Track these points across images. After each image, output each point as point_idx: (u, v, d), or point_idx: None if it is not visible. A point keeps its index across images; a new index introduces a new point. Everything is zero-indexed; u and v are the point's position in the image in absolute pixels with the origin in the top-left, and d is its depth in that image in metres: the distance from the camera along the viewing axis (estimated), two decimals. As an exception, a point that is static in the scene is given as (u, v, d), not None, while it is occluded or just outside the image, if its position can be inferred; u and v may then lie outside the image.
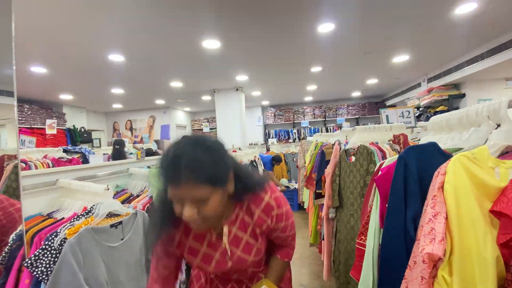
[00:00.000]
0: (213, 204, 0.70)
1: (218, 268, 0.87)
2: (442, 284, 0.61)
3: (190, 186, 0.65)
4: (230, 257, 0.86)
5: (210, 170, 0.67)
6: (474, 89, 4.60)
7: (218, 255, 0.86)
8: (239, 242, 0.86)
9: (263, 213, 0.85)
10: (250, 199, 0.84)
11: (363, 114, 8.15)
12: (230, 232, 0.85)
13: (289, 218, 0.93)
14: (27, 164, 3.08)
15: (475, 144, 0.76)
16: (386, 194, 0.81)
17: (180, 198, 0.68)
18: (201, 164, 0.66)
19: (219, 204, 0.72)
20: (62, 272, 0.96)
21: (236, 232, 0.86)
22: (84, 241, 1.06)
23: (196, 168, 0.65)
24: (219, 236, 0.86)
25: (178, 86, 5.45)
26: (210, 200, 0.69)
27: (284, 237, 0.96)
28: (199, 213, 0.69)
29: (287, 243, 1.00)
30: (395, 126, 1.87)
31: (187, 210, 0.67)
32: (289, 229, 0.95)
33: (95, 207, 1.17)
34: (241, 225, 0.86)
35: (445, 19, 2.94)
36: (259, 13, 2.69)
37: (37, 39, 2.97)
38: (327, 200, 1.88)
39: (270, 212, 0.85)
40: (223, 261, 0.87)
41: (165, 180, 0.68)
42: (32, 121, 5.51)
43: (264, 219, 0.86)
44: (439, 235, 0.60)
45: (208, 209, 0.69)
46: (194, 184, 0.65)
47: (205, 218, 0.70)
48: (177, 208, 0.70)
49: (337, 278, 1.76)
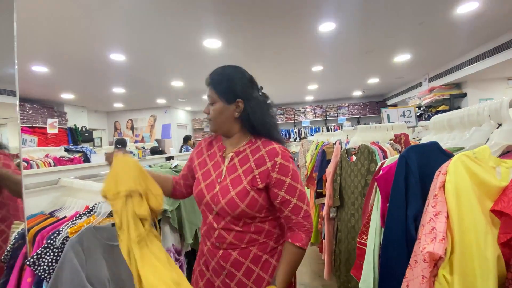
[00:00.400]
0: (215, 108, 0.96)
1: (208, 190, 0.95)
2: (443, 283, 0.61)
3: (209, 89, 0.97)
4: (221, 181, 0.94)
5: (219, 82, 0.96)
6: (475, 88, 4.59)
7: (215, 176, 0.97)
8: (233, 171, 0.94)
9: (266, 154, 0.92)
10: (261, 142, 0.96)
11: (364, 113, 8.14)
12: (232, 159, 0.97)
13: (296, 179, 0.91)
14: (28, 163, 3.09)
15: (476, 144, 0.76)
16: (387, 193, 0.82)
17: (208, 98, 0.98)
18: (217, 76, 0.98)
19: (218, 113, 0.95)
20: (64, 271, 0.97)
21: (236, 162, 0.96)
22: (86, 239, 1.06)
23: (213, 77, 0.98)
24: (223, 160, 0.99)
25: (179, 85, 5.46)
26: (215, 104, 0.96)
27: (292, 206, 0.89)
28: (209, 112, 0.97)
29: (298, 222, 0.90)
30: (396, 126, 1.87)
31: (206, 107, 0.99)
32: (297, 196, 0.89)
33: (97, 206, 1.17)
34: (243, 159, 0.95)
35: (446, 18, 2.94)
36: (260, 13, 2.69)
37: (39, 38, 2.98)
38: (328, 200, 1.88)
39: (273, 157, 0.90)
40: (214, 183, 0.95)
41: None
42: (33, 120, 5.53)
43: (265, 161, 0.90)
44: (440, 234, 0.60)
45: (211, 111, 0.96)
46: (211, 88, 0.97)
47: (210, 118, 0.97)
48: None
49: (338, 277, 1.76)
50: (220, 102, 0.95)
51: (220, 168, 0.97)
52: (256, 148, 0.95)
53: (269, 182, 0.89)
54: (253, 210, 0.89)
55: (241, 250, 0.93)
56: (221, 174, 0.96)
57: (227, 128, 0.98)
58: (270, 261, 0.95)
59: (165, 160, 2.49)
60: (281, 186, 0.89)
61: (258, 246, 0.94)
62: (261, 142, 0.96)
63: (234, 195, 0.89)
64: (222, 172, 0.96)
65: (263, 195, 0.91)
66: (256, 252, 0.94)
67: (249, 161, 0.93)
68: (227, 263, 0.93)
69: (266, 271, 0.94)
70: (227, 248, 0.93)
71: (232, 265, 0.93)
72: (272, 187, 0.90)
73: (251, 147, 0.96)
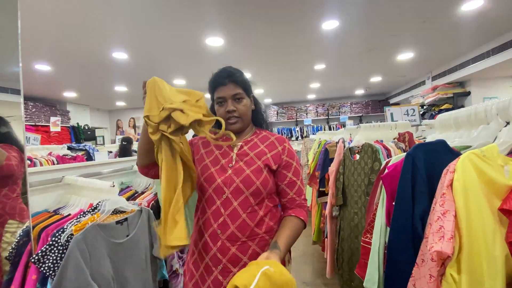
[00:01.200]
0: (245, 104, 0.98)
1: (220, 174, 0.96)
2: (451, 282, 0.60)
3: (231, 86, 0.96)
4: (233, 165, 0.97)
5: (243, 78, 0.99)
6: (479, 87, 4.56)
7: (225, 162, 0.99)
8: (245, 156, 0.98)
9: (276, 140, 1.02)
10: (267, 132, 1.06)
11: (367, 112, 8.11)
12: (241, 147, 1.01)
13: (298, 164, 1.01)
14: (32, 161, 3.11)
15: (484, 142, 0.75)
16: (393, 192, 0.81)
17: (224, 97, 0.96)
18: (238, 72, 0.99)
19: (248, 107, 1.00)
20: (69, 268, 0.97)
21: (246, 149, 1.00)
22: (90, 237, 1.06)
23: (236, 75, 0.97)
24: (232, 149, 1.02)
25: (181, 83, 5.46)
26: (243, 100, 0.98)
27: (297, 188, 0.98)
28: (237, 109, 0.97)
29: (301, 203, 0.99)
30: (400, 124, 1.86)
31: (230, 105, 0.96)
32: (300, 179, 0.99)
33: (101, 203, 1.18)
34: (253, 146, 1.01)
35: (450, 16, 2.91)
36: (262, 11, 2.67)
37: (42, 37, 2.99)
38: (330, 198, 1.88)
39: (282, 143, 1.02)
40: (225, 167, 0.97)
41: (215, 86, 0.99)
42: (36, 119, 5.55)
43: (276, 146, 1.00)
44: (448, 233, 0.59)
45: (242, 107, 0.98)
46: (234, 85, 0.96)
47: (240, 114, 0.98)
48: (220, 110, 0.98)
49: (341, 276, 1.76)
50: (246, 97, 1.00)
51: (229, 156, 1.00)
52: (263, 137, 1.03)
53: (280, 163, 0.98)
54: (265, 189, 0.95)
55: (241, 244, 0.92)
56: (232, 160, 0.98)
57: (248, 123, 1.05)
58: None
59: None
60: (290, 168, 0.98)
61: (257, 241, 0.94)
62: (266, 133, 1.06)
63: (249, 173, 0.94)
64: (232, 158, 0.99)
65: (272, 178, 0.98)
66: (254, 248, 0.93)
67: (260, 147, 1.00)
68: (224, 257, 0.92)
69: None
70: (228, 239, 0.92)
71: (229, 260, 0.92)
72: (282, 169, 0.98)
73: (257, 137, 1.04)
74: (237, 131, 1.01)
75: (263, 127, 1.09)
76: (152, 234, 1.32)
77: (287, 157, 0.99)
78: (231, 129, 0.99)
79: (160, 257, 1.20)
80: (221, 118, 0.89)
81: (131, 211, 1.27)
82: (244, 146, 1.01)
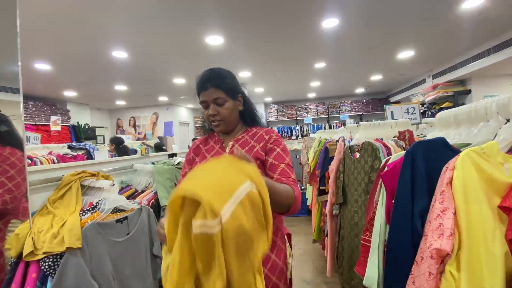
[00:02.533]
0: (227, 107, 0.98)
1: None
2: (450, 280, 0.60)
3: (212, 90, 0.96)
4: None
5: (225, 81, 0.97)
6: (480, 85, 4.54)
7: None
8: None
9: (264, 133, 1.03)
10: (257, 128, 1.06)
11: (367, 110, 8.09)
12: (232, 146, 1.02)
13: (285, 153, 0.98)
14: (32, 160, 3.11)
15: (484, 140, 0.75)
16: (392, 190, 0.81)
17: (206, 101, 0.97)
18: (219, 76, 0.98)
19: (230, 110, 0.99)
20: (69, 266, 0.98)
21: (236, 146, 1.01)
22: (90, 235, 1.06)
23: (216, 78, 0.97)
24: (224, 149, 1.04)
25: (181, 82, 5.45)
26: (225, 103, 0.98)
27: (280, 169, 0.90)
28: (218, 113, 0.97)
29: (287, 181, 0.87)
30: (400, 122, 1.85)
31: (211, 109, 0.97)
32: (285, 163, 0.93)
33: (101, 202, 1.18)
34: (244, 143, 1.02)
35: (451, 14, 2.90)
36: (262, 9, 2.67)
37: (41, 35, 2.98)
38: (330, 197, 1.87)
39: (270, 133, 1.03)
40: None
41: (198, 90, 0.99)
42: (36, 118, 5.55)
43: (264, 137, 1.01)
44: (448, 231, 0.59)
45: (223, 110, 0.97)
46: (215, 89, 0.96)
47: (222, 118, 0.98)
48: (205, 112, 1.00)
49: (341, 274, 1.76)
50: (230, 100, 0.99)
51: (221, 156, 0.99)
52: (253, 133, 1.05)
53: (266, 151, 0.98)
54: None
55: None
56: None
57: (235, 124, 1.05)
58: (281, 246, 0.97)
59: (168, 157, 2.49)
60: (271, 153, 0.97)
61: None
62: (256, 129, 1.07)
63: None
64: None
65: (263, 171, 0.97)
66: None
67: (250, 143, 1.01)
68: None
69: (279, 255, 0.94)
70: None
71: None
72: (266, 156, 0.98)
73: (248, 134, 1.05)
74: (223, 132, 1.05)
75: (254, 125, 1.10)
76: (152, 232, 1.32)
77: (271, 144, 0.99)
78: (217, 131, 1.03)
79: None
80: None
81: (131, 209, 1.27)
82: (236, 144, 1.02)
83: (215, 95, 0.96)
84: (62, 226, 1.04)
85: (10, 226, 1.18)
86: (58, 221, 1.07)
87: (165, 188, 1.63)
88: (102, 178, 1.36)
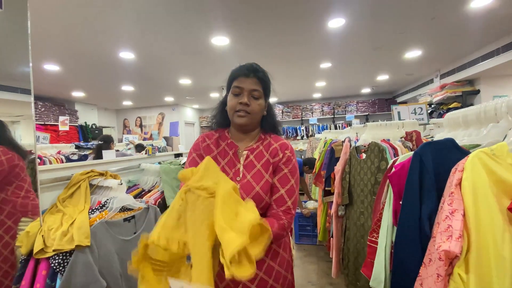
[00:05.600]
0: (259, 103, 0.96)
1: None
2: (458, 282, 0.60)
3: (254, 82, 0.94)
4: (241, 179, 0.93)
5: (267, 80, 0.98)
6: (489, 85, 4.46)
7: (232, 174, 0.95)
8: (252, 168, 0.95)
9: (279, 147, 0.98)
10: (271, 138, 1.02)
11: (373, 111, 8.02)
12: (247, 157, 0.97)
13: (293, 174, 0.95)
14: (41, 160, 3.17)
15: (494, 141, 0.74)
16: (400, 191, 0.80)
17: (242, 88, 0.93)
18: (264, 72, 0.98)
19: (261, 108, 0.97)
20: (78, 264, 0.99)
21: (252, 159, 0.97)
22: (98, 234, 1.08)
23: (261, 72, 0.96)
24: (237, 158, 0.98)
25: (187, 83, 5.48)
26: (259, 99, 0.96)
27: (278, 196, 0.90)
28: (250, 104, 0.93)
29: (276, 212, 0.88)
30: (407, 123, 1.84)
31: (245, 98, 0.93)
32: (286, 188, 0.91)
33: (109, 201, 1.20)
34: (258, 155, 0.97)
35: (459, 12, 2.86)
36: (267, 9, 2.67)
37: (51, 37, 3.03)
38: (336, 198, 1.87)
39: (284, 150, 0.98)
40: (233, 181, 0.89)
41: (236, 75, 0.96)
42: (45, 118, 5.65)
43: (278, 153, 0.97)
44: (457, 232, 0.59)
45: (256, 105, 0.95)
46: (257, 82, 0.94)
47: (251, 111, 0.94)
48: (233, 100, 0.95)
49: (346, 276, 1.75)
50: (263, 98, 0.98)
51: (236, 167, 0.96)
52: (268, 144, 1.00)
53: (275, 168, 0.95)
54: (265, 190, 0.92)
55: None
56: (239, 172, 0.95)
57: (256, 124, 1.01)
58: (284, 255, 0.96)
59: (174, 157, 2.51)
60: (279, 173, 0.94)
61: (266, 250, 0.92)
62: (271, 138, 1.02)
63: (259, 190, 0.90)
64: (239, 171, 0.95)
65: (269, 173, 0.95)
66: (274, 248, 0.94)
67: (265, 156, 0.97)
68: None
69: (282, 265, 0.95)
70: None
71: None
72: (274, 169, 0.96)
73: (263, 143, 1.00)
74: (242, 127, 0.98)
75: (273, 133, 1.05)
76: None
77: (282, 164, 0.95)
78: (237, 122, 0.96)
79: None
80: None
81: (138, 208, 1.29)
82: (250, 155, 0.97)
83: (255, 86, 0.94)
84: (72, 224, 1.05)
85: (20, 224, 1.20)
86: (68, 219, 1.09)
87: (171, 188, 1.65)
88: (110, 177, 1.38)
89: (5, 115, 1.27)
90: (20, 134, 1.29)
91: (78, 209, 1.17)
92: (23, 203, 1.20)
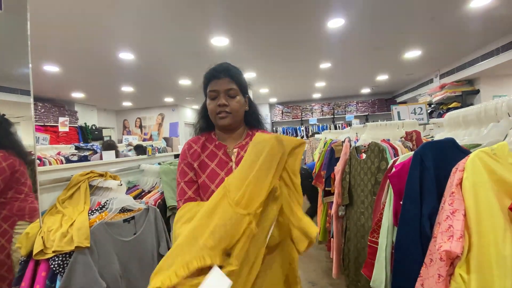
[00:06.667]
0: (238, 100, 0.95)
1: None
2: (459, 282, 0.60)
3: (226, 81, 0.94)
4: None
5: (239, 76, 0.97)
6: (489, 85, 4.46)
7: (224, 174, 0.94)
8: None
9: None
10: (260, 131, 1.02)
11: (373, 111, 8.02)
12: (238, 154, 0.97)
13: None
14: (41, 161, 3.17)
15: (494, 140, 0.74)
16: (400, 191, 0.80)
17: (217, 90, 0.94)
18: (235, 69, 0.98)
19: (241, 105, 0.97)
20: (78, 265, 0.99)
21: (243, 155, 0.94)
22: (98, 235, 1.08)
23: (232, 70, 0.96)
24: (228, 157, 0.98)
25: (186, 83, 5.48)
26: (237, 96, 0.95)
27: None
28: (229, 104, 0.93)
29: None
30: (407, 123, 1.84)
31: (222, 99, 0.93)
32: None
33: (109, 202, 1.19)
34: None
35: (459, 12, 2.86)
36: (267, 10, 2.67)
37: (50, 38, 3.03)
38: (336, 198, 1.86)
39: None
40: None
41: (209, 79, 0.96)
42: (45, 119, 5.64)
43: None
44: (458, 233, 0.58)
45: (235, 103, 0.94)
46: (229, 80, 0.94)
47: (231, 110, 0.94)
48: (211, 104, 0.95)
49: (347, 276, 1.75)
50: (241, 95, 0.97)
51: (228, 165, 0.95)
52: None
53: None
54: None
55: None
56: (232, 170, 0.94)
57: (240, 121, 1.01)
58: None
59: (174, 158, 2.51)
60: None
61: None
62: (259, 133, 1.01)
63: None
64: (232, 169, 0.95)
65: None
66: None
67: None
68: None
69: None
70: None
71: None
72: None
73: (251, 139, 0.97)
74: (226, 127, 0.98)
75: (259, 127, 1.06)
76: (158, 232, 1.33)
77: None
78: (221, 124, 0.96)
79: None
80: None
81: (138, 209, 1.28)
82: (241, 152, 0.97)
83: (228, 86, 0.93)
84: (71, 226, 1.05)
85: (16, 228, 1.19)
86: (67, 220, 1.09)
87: (171, 189, 1.64)
88: (110, 178, 1.38)
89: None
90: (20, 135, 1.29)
91: (78, 210, 1.17)
92: (21, 206, 1.20)
